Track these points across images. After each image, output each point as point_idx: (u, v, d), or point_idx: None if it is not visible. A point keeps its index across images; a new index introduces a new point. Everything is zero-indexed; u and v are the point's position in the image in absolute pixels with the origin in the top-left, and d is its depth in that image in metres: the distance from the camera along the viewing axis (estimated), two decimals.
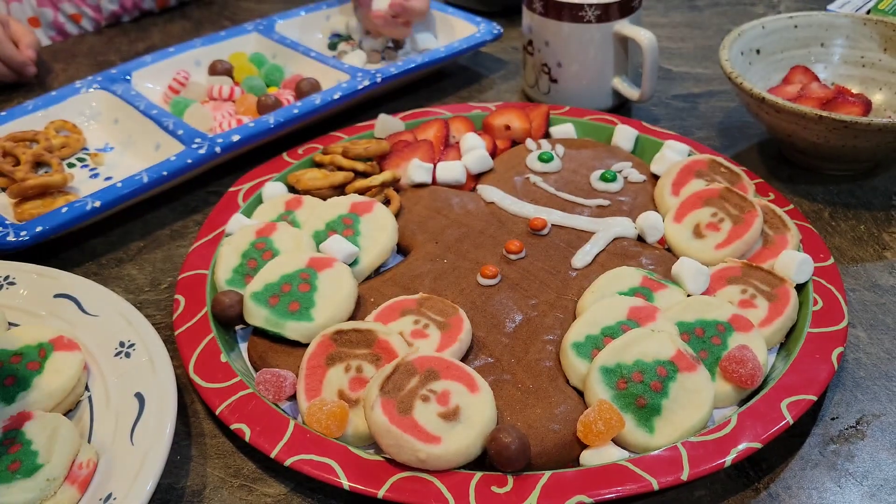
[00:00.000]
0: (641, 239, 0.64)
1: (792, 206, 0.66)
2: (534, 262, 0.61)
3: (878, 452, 0.50)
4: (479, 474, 0.46)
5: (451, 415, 0.47)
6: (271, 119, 0.75)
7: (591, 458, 0.48)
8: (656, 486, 0.45)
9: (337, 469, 0.46)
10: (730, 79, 0.71)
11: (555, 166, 0.71)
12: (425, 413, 0.47)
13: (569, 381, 0.52)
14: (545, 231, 0.64)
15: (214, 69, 0.88)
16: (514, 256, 0.62)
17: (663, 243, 0.64)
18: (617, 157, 0.72)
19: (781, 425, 0.48)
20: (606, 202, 0.67)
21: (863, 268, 0.64)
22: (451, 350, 0.52)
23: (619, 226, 0.64)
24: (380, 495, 0.45)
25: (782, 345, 0.56)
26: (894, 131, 0.64)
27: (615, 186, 0.69)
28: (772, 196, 0.67)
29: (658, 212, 0.66)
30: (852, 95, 0.75)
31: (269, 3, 1.15)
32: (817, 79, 0.77)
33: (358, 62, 0.91)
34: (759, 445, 0.47)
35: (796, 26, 0.80)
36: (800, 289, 0.58)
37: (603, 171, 0.69)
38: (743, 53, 0.77)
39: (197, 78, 0.89)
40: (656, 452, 0.47)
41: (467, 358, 0.54)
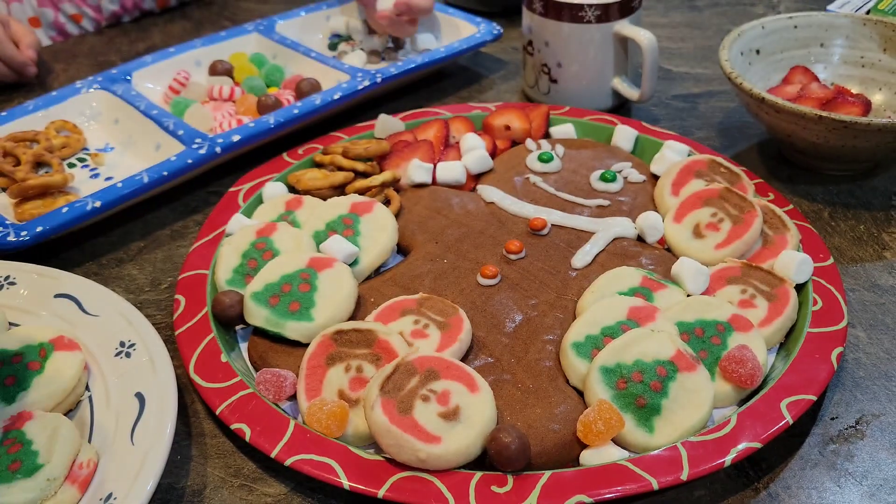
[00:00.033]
0: (641, 239, 0.64)
1: (791, 207, 0.66)
2: (534, 262, 0.61)
3: (877, 452, 0.50)
4: (479, 474, 0.46)
5: (451, 415, 0.47)
6: (271, 119, 0.75)
7: (590, 457, 0.48)
8: (656, 486, 0.45)
9: (337, 469, 0.46)
10: (729, 79, 0.71)
11: (555, 166, 0.71)
12: (425, 413, 0.47)
13: (569, 381, 0.52)
14: (545, 231, 0.64)
15: (215, 69, 0.88)
16: (514, 256, 0.62)
17: (663, 243, 0.64)
18: (617, 158, 0.72)
19: (781, 425, 0.48)
20: (606, 202, 0.67)
21: (862, 268, 0.64)
22: (451, 350, 0.53)
23: (619, 226, 0.64)
24: (380, 495, 0.45)
25: (782, 345, 0.56)
26: (894, 131, 0.64)
27: (615, 186, 0.69)
28: (771, 196, 0.67)
29: (658, 212, 0.66)
30: (852, 96, 0.75)
31: (269, 4, 1.15)
32: (817, 79, 0.77)
33: (358, 62, 0.91)
34: (758, 445, 0.47)
35: (796, 26, 0.80)
36: (799, 289, 0.58)
37: (603, 171, 0.69)
38: (743, 54, 0.77)
39: (197, 78, 0.89)
40: (656, 452, 0.47)
41: (467, 358, 0.54)
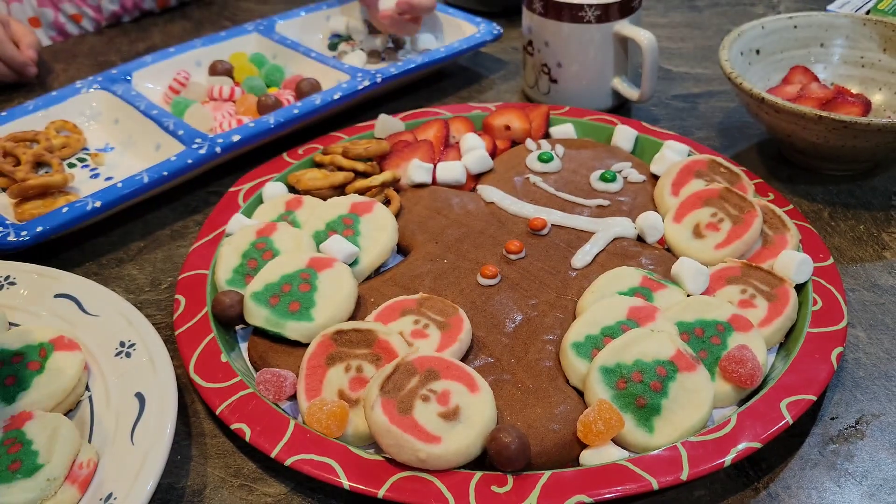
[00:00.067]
0: (641, 239, 0.64)
1: (791, 207, 0.66)
2: (534, 262, 0.61)
3: (877, 452, 0.50)
4: (479, 474, 0.46)
5: (452, 414, 0.47)
6: (271, 119, 0.75)
7: (590, 457, 0.48)
8: (656, 486, 0.45)
9: (337, 469, 0.46)
10: (729, 79, 0.71)
11: (554, 166, 0.71)
12: (425, 413, 0.47)
13: (569, 381, 0.52)
14: (545, 231, 0.64)
15: (215, 69, 0.88)
16: (514, 256, 0.62)
17: (663, 243, 0.64)
18: (617, 158, 0.72)
19: (781, 425, 0.48)
20: (606, 202, 0.67)
21: (862, 268, 0.64)
22: (451, 350, 0.53)
23: (619, 226, 0.64)
24: (380, 495, 0.45)
25: (782, 345, 0.56)
26: (894, 131, 0.64)
27: (615, 186, 0.69)
28: (771, 196, 0.67)
29: (658, 212, 0.66)
30: (852, 95, 0.75)
31: (269, 4, 1.15)
32: (817, 79, 0.77)
33: (358, 62, 0.91)
34: (758, 445, 0.47)
35: (796, 26, 0.80)
36: (799, 289, 0.58)
37: (603, 171, 0.69)
38: (743, 54, 0.77)
39: (197, 78, 0.89)
40: (656, 452, 0.47)
41: (467, 358, 0.54)
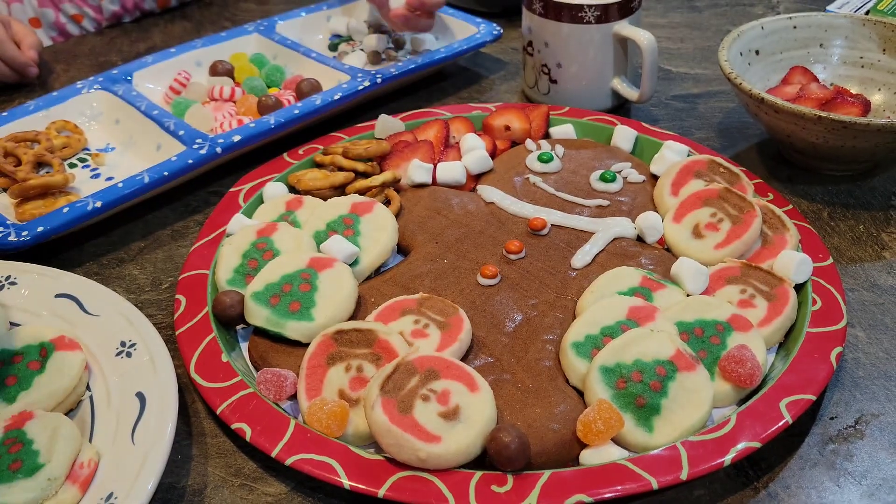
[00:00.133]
0: (641, 239, 0.64)
1: (791, 207, 0.66)
2: (533, 262, 0.62)
3: (876, 452, 0.50)
4: (479, 473, 0.46)
5: (452, 414, 0.47)
6: (272, 119, 0.75)
7: (590, 457, 0.48)
8: (656, 486, 0.45)
9: (337, 468, 0.46)
10: (729, 79, 0.71)
11: (554, 167, 0.71)
12: (425, 412, 0.47)
13: (568, 381, 0.52)
14: (545, 231, 0.64)
15: (215, 70, 0.88)
16: (513, 256, 0.62)
17: (662, 243, 0.64)
18: (616, 158, 0.72)
19: (780, 425, 0.48)
20: (606, 202, 0.67)
21: (861, 268, 0.64)
22: (451, 350, 0.53)
23: (619, 226, 0.64)
24: (380, 494, 0.45)
25: (781, 344, 0.56)
26: (893, 132, 0.64)
27: (615, 187, 0.69)
28: (771, 196, 0.67)
29: (657, 212, 0.66)
30: (851, 96, 0.75)
31: (269, 4, 1.15)
32: (816, 79, 0.77)
33: (358, 63, 0.91)
34: (758, 445, 0.47)
35: (795, 27, 0.80)
36: (799, 289, 0.58)
37: (602, 171, 0.69)
38: (742, 54, 0.77)
39: (198, 78, 0.89)
40: (656, 452, 0.47)
41: (467, 357, 0.54)
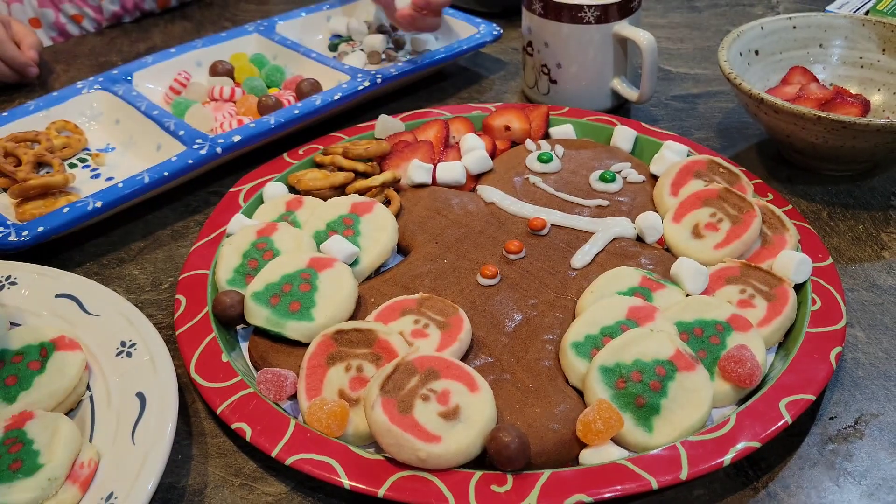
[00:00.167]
0: (640, 239, 0.64)
1: (790, 207, 0.66)
2: (533, 262, 0.62)
3: (876, 452, 0.50)
4: (479, 473, 0.46)
5: (451, 414, 0.47)
6: (272, 120, 0.75)
7: (590, 457, 0.48)
8: (655, 486, 0.45)
9: (337, 468, 0.47)
10: (728, 80, 0.71)
11: (554, 167, 0.71)
12: (425, 412, 0.47)
13: (568, 381, 0.52)
14: (545, 231, 0.64)
15: (215, 70, 0.88)
16: (513, 256, 0.62)
17: (662, 243, 0.64)
18: (616, 158, 0.72)
19: (780, 425, 0.48)
20: (606, 202, 0.67)
21: (861, 268, 0.64)
22: (451, 350, 0.53)
23: (619, 226, 0.64)
24: (380, 494, 0.45)
25: (781, 344, 0.56)
26: (892, 132, 0.64)
27: (614, 187, 0.69)
28: (770, 196, 0.67)
29: (657, 212, 0.66)
30: (851, 96, 0.75)
31: (269, 5, 1.15)
32: (816, 79, 0.77)
33: (358, 63, 0.91)
34: (757, 445, 0.47)
35: (795, 27, 0.80)
36: (798, 289, 0.58)
37: (602, 171, 0.69)
38: (742, 54, 0.77)
39: (198, 79, 0.89)
40: (655, 452, 0.47)
41: (467, 357, 0.54)
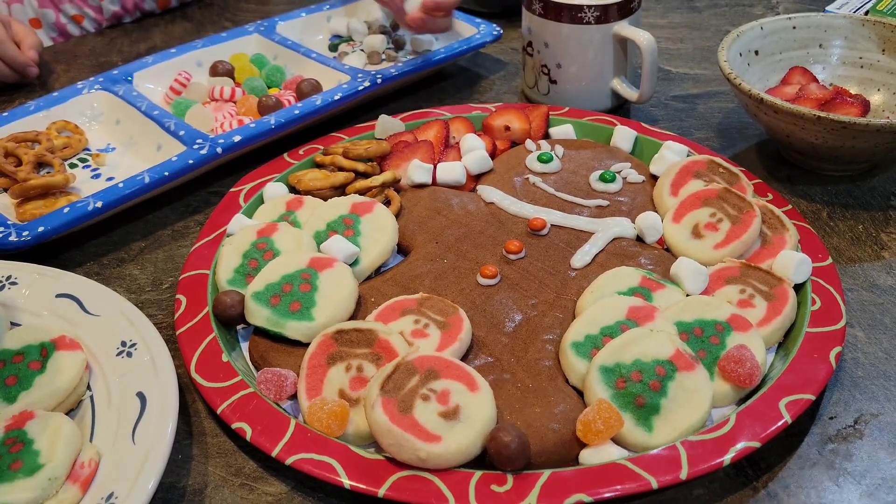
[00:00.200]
0: (640, 239, 0.64)
1: (790, 207, 0.66)
2: (533, 262, 0.62)
3: (876, 452, 0.50)
4: (479, 473, 0.46)
5: (452, 414, 0.47)
6: (272, 120, 0.75)
7: (590, 456, 0.48)
8: (655, 485, 0.45)
9: (338, 468, 0.47)
10: (728, 80, 0.71)
11: (554, 167, 0.71)
12: (425, 412, 0.47)
13: (568, 381, 0.52)
14: (545, 231, 0.64)
15: (216, 70, 0.88)
16: (513, 256, 0.62)
17: (662, 243, 0.64)
18: (616, 158, 0.73)
19: (780, 424, 0.48)
20: (605, 202, 0.67)
21: (861, 268, 0.64)
22: (452, 349, 0.53)
23: (619, 226, 0.64)
24: (380, 494, 0.45)
25: (781, 344, 0.56)
26: (892, 132, 0.64)
27: (614, 187, 0.69)
28: (770, 196, 0.67)
29: (657, 212, 0.67)
30: (850, 96, 0.75)
31: (270, 5, 1.15)
32: (816, 80, 0.77)
33: (358, 63, 0.91)
34: (757, 445, 0.47)
35: (795, 27, 0.80)
36: (798, 289, 0.58)
37: (602, 171, 0.69)
38: (741, 54, 0.77)
39: (198, 79, 0.89)
40: (655, 451, 0.47)
41: (467, 357, 0.54)
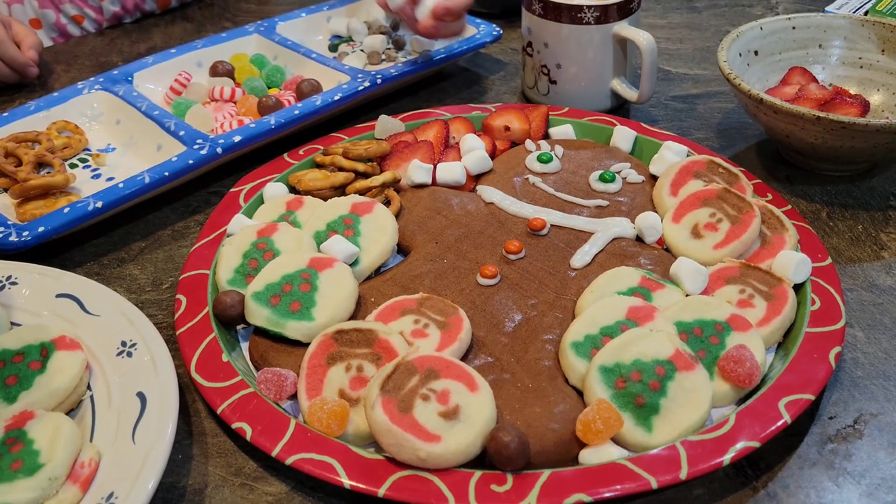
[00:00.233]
0: (640, 239, 0.64)
1: (790, 207, 0.66)
2: (533, 263, 0.62)
3: (875, 451, 0.50)
4: (479, 473, 0.46)
5: (451, 414, 0.47)
6: (272, 120, 0.76)
7: (590, 456, 0.48)
8: (655, 485, 0.45)
9: (338, 468, 0.47)
10: (728, 80, 0.71)
11: (554, 167, 0.71)
12: (425, 412, 0.47)
13: (568, 381, 0.53)
14: (544, 231, 0.64)
15: (216, 70, 0.88)
16: (513, 256, 0.62)
17: (662, 243, 0.64)
18: (616, 158, 0.73)
19: (779, 424, 0.48)
20: (605, 203, 0.67)
21: (860, 268, 0.64)
22: (451, 349, 0.53)
23: (618, 226, 0.64)
24: (380, 494, 0.45)
25: (780, 344, 0.56)
26: (892, 132, 0.64)
27: (614, 187, 0.69)
28: (770, 196, 0.67)
29: (656, 212, 0.67)
30: (850, 96, 0.75)
31: (270, 5, 1.15)
32: (815, 80, 0.77)
33: (358, 63, 0.91)
34: (757, 444, 0.47)
35: (794, 27, 0.80)
36: (798, 289, 0.58)
37: (602, 171, 0.69)
38: (741, 55, 0.77)
39: (198, 79, 0.89)
40: (655, 451, 0.47)
41: (467, 357, 0.54)
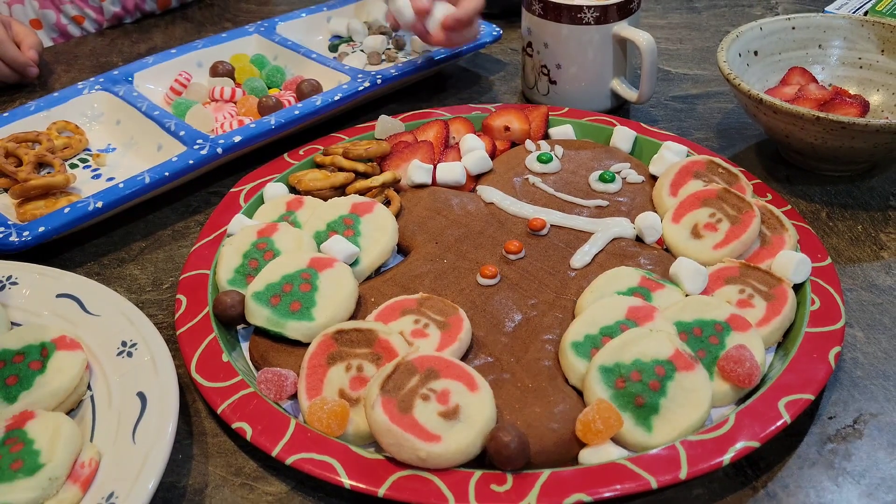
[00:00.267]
0: (640, 239, 0.64)
1: (789, 207, 0.66)
2: (533, 263, 0.62)
3: (875, 451, 0.50)
4: (479, 473, 0.46)
5: (451, 414, 0.47)
6: (272, 120, 0.76)
7: (589, 456, 0.48)
8: (655, 485, 0.45)
9: (338, 468, 0.47)
10: (728, 80, 0.71)
11: (554, 167, 0.71)
12: (425, 412, 0.47)
13: (568, 381, 0.53)
14: (544, 231, 0.64)
15: (216, 71, 0.89)
16: (513, 257, 0.62)
17: (661, 244, 0.64)
18: (616, 158, 0.73)
19: (779, 424, 0.48)
20: (605, 203, 0.68)
21: (860, 268, 0.64)
22: (451, 349, 0.53)
23: (618, 226, 0.64)
24: (380, 494, 0.45)
25: (780, 344, 0.56)
26: (891, 132, 0.64)
27: (614, 187, 0.69)
28: (769, 196, 0.67)
29: (656, 212, 0.67)
30: (850, 96, 0.75)
31: (270, 5, 1.15)
32: (815, 80, 0.77)
33: (358, 64, 0.91)
34: (756, 444, 0.47)
35: (794, 28, 0.80)
36: (797, 289, 0.58)
37: (602, 171, 0.70)
38: (741, 55, 0.77)
39: (198, 79, 0.89)
40: (655, 451, 0.47)
41: (467, 357, 0.54)
